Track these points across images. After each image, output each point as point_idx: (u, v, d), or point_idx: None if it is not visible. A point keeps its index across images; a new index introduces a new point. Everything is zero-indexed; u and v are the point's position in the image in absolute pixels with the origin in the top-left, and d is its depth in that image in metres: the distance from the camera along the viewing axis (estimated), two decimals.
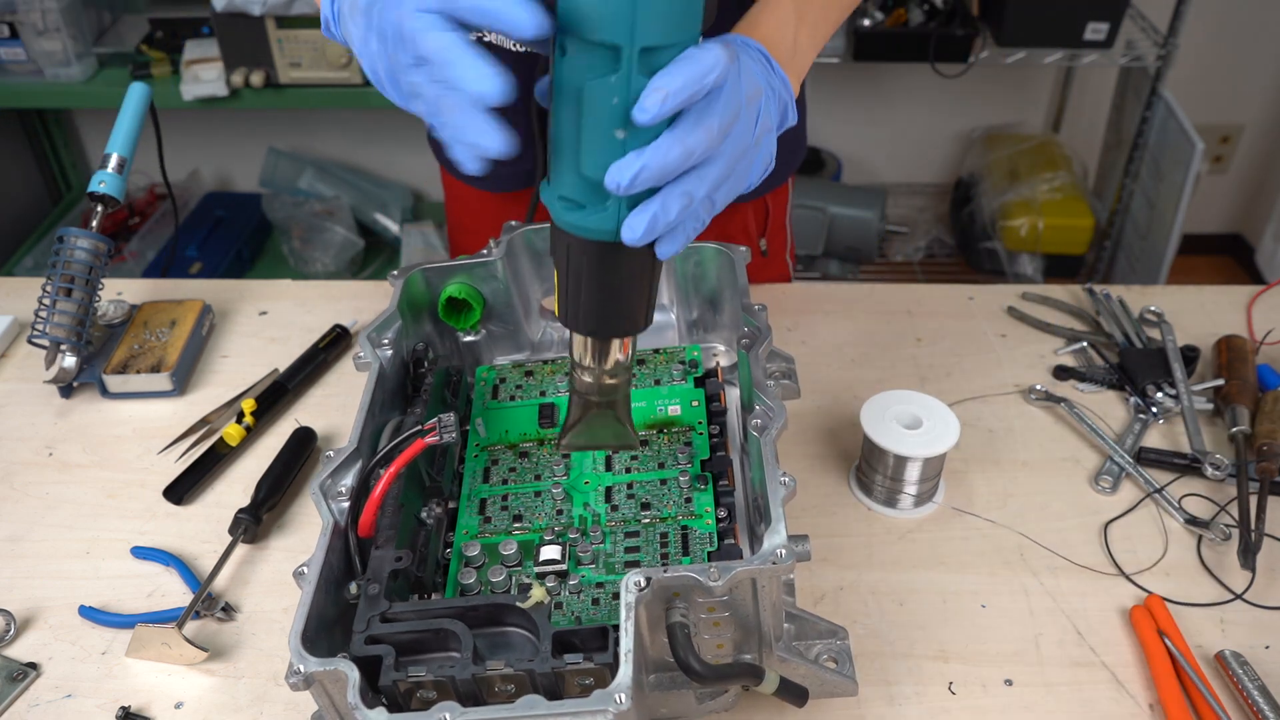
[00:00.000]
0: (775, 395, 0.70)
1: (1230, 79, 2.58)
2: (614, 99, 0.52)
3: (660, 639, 0.61)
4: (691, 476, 0.74)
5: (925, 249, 2.72)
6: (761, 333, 0.76)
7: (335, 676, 0.57)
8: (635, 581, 0.58)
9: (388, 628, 0.61)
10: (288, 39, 2.01)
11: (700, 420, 0.79)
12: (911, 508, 0.87)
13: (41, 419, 0.99)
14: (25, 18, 2.07)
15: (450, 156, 0.54)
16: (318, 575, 0.62)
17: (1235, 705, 0.72)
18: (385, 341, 0.78)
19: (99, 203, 1.02)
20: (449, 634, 0.61)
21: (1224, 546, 0.84)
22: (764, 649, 0.64)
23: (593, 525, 0.72)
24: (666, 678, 0.64)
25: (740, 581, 0.59)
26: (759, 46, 0.70)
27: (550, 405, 0.82)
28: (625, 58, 0.51)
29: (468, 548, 0.70)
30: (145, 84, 1.06)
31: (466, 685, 0.59)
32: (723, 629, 0.62)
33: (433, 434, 0.69)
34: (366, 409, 0.73)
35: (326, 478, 0.68)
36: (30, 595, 0.82)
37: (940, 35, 2.15)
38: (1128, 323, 1.06)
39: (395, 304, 0.81)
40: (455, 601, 0.64)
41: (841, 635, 0.69)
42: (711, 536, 0.70)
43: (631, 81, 0.51)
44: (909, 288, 1.14)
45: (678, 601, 0.60)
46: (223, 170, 2.74)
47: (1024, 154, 2.53)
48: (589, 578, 0.69)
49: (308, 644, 0.59)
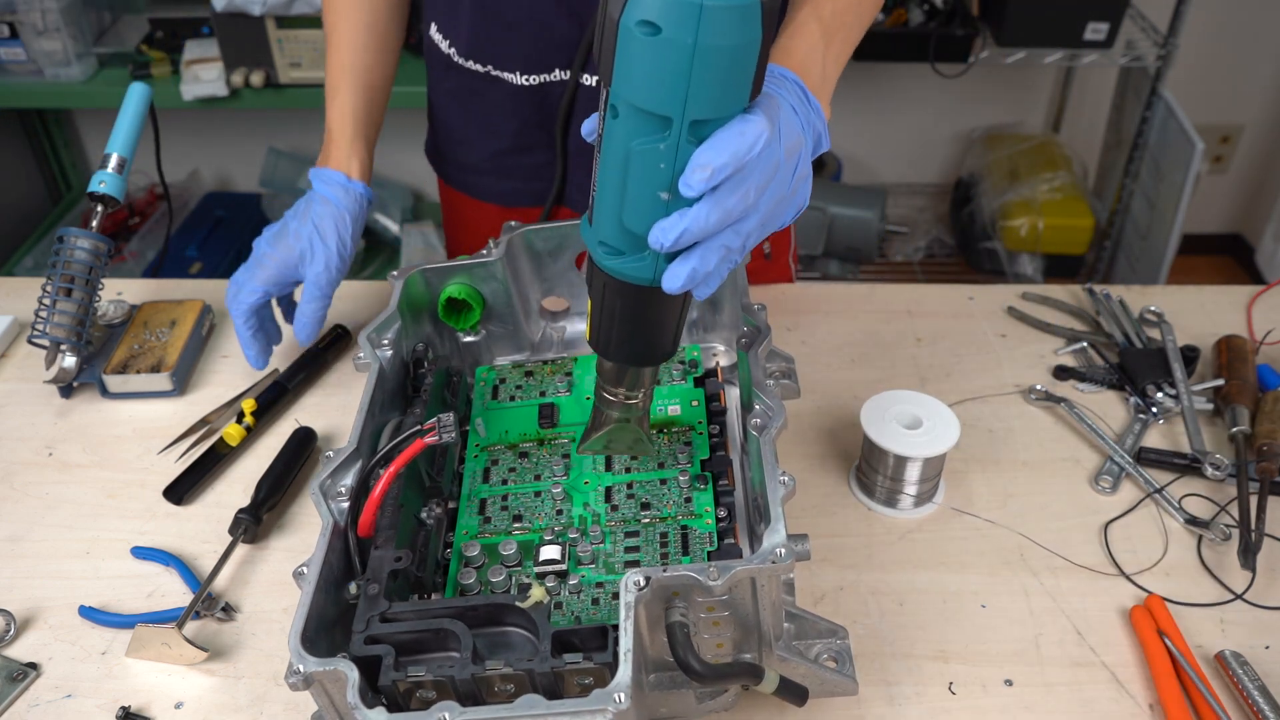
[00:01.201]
0: (775, 394, 0.70)
1: (1230, 79, 2.58)
2: (661, 164, 0.56)
3: (660, 638, 0.60)
4: (691, 476, 0.74)
5: (925, 249, 2.72)
6: (761, 332, 0.76)
7: (335, 676, 0.57)
8: (635, 581, 0.58)
9: (387, 628, 0.61)
10: (288, 39, 2.01)
11: (700, 420, 0.79)
12: (911, 508, 0.87)
13: (41, 419, 0.99)
14: (25, 17, 2.06)
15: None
16: (317, 575, 0.63)
17: (1235, 705, 0.72)
18: (385, 342, 0.78)
19: (99, 203, 1.02)
20: (448, 634, 0.61)
21: (1224, 546, 0.84)
22: (764, 648, 0.64)
23: (592, 525, 0.72)
24: (666, 677, 0.64)
25: (740, 581, 0.59)
26: (796, 79, 0.71)
27: (550, 405, 0.82)
28: (675, 128, 0.55)
29: (467, 548, 0.70)
30: (145, 84, 1.06)
31: (466, 685, 0.59)
32: (722, 628, 0.62)
33: (432, 434, 0.69)
34: (366, 410, 0.73)
35: (326, 478, 0.68)
36: (30, 595, 0.82)
37: (940, 35, 2.15)
38: (1128, 323, 1.06)
39: (395, 304, 0.81)
40: (455, 601, 0.64)
41: (841, 635, 0.69)
42: (711, 536, 0.70)
43: (679, 150, 0.56)
44: (909, 288, 1.14)
45: (677, 601, 0.60)
46: (223, 170, 2.74)
47: (1024, 154, 2.53)
48: (589, 578, 0.69)
49: (307, 644, 0.59)
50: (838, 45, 0.78)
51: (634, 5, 0.52)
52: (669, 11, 0.51)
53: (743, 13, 0.52)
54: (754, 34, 0.53)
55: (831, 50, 0.77)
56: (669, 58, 0.52)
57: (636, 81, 0.54)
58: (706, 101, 0.54)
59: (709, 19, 0.51)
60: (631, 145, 0.56)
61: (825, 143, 0.73)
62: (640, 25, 0.52)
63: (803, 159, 0.66)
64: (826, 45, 0.77)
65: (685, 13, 0.51)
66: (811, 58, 0.75)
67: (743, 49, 0.54)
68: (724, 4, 0.51)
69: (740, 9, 0.52)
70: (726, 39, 0.52)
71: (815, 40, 0.76)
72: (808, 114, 0.70)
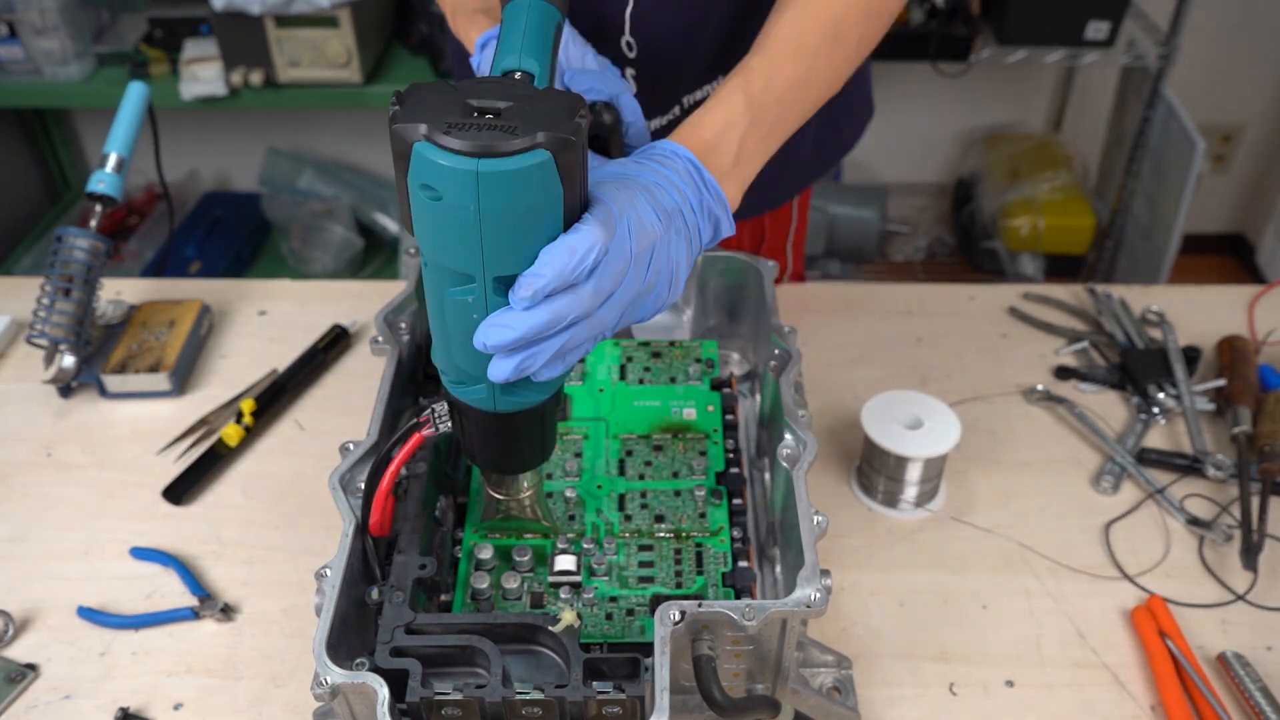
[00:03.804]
0: (806, 426, 0.68)
1: (1232, 78, 2.57)
2: (474, 315, 0.53)
3: (683, 666, 0.60)
4: (707, 490, 0.73)
5: (926, 249, 2.72)
6: (792, 358, 0.74)
7: (362, 690, 0.55)
8: (670, 615, 0.57)
9: (413, 640, 0.60)
10: (287, 38, 2.00)
11: (715, 428, 0.78)
12: (912, 508, 0.87)
13: (40, 419, 0.99)
14: (24, 17, 2.06)
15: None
16: (340, 579, 0.59)
17: (1237, 706, 0.72)
18: (402, 325, 0.76)
19: (97, 202, 1.01)
20: (475, 650, 0.60)
21: (1226, 547, 0.84)
22: (779, 681, 0.63)
23: (606, 536, 0.71)
24: (678, 700, 0.63)
25: (771, 621, 0.58)
26: (689, 158, 0.64)
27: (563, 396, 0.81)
28: (479, 284, 0.52)
29: (479, 549, 0.69)
30: (143, 83, 1.06)
31: (494, 708, 0.58)
32: (742, 659, 0.62)
33: (427, 426, 0.67)
34: (385, 400, 0.70)
35: (346, 471, 0.65)
36: (29, 596, 0.82)
37: (941, 34, 2.15)
38: (1129, 323, 1.05)
39: (412, 286, 0.79)
40: (483, 617, 0.62)
41: (845, 665, 0.69)
42: (725, 556, 0.69)
43: (489, 302, 0.53)
44: (910, 288, 1.13)
45: (705, 633, 0.60)
46: (222, 170, 2.74)
47: (1025, 153, 2.53)
48: (602, 590, 0.68)
49: (331, 652, 0.56)
50: (766, 125, 0.69)
51: (415, 169, 0.49)
52: (445, 179, 0.48)
53: (527, 175, 0.48)
54: (548, 190, 0.50)
55: (757, 129, 0.69)
56: (455, 222, 0.49)
57: (431, 241, 0.51)
58: (506, 259, 0.51)
59: (488, 186, 0.48)
60: (444, 295, 0.53)
61: (726, 228, 0.65)
62: (423, 189, 0.49)
63: (658, 253, 0.58)
64: (752, 122, 0.68)
65: (462, 180, 0.48)
66: (727, 135, 0.67)
67: (537, 207, 0.50)
68: (503, 169, 0.47)
69: (523, 172, 0.48)
70: (515, 201, 0.49)
71: (737, 115, 0.67)
72: (700, 197, 0.63)
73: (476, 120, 0.49)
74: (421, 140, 0.48)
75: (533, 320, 0.52)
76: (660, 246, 0.59)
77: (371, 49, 2.10)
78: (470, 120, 0.48)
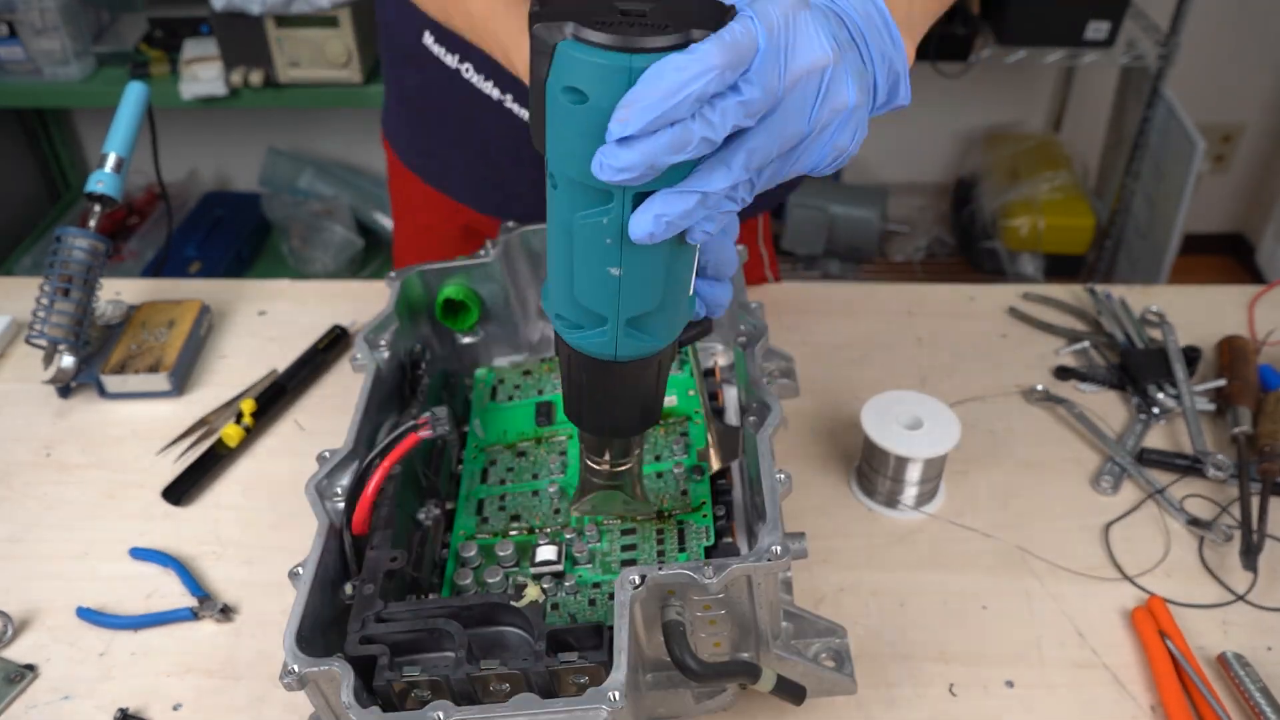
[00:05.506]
0: (771, 392, 0.69)
1: (1232, 78, 2.57)
2: (606, 239, 0.50)
3: (657, 638, 0.60)
4: (687, 468, 0.73)
5: (926, 249, 2.72)
6: (758, 331, 0.76)
7: (329, 676, 0.57)
8: (630, 579, 0.58)
9: (382, 628, 0.61)
10: (287, 38, 2.00)
11: (696, 410, 0.78)
12: (912, 508, 0.87)
13: (39, 419, 0.99)
14: (24, 17, 2.06)
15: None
16: (312, 576, 0.62)
17: (1237, 707, 0.72)
18: (382, 343, 0.78)
19: (97, 202, 1.01)
20: (444, 634, 0.61)
21: (1226, 547, 0.84)
22: (761, 647, 0.63)
23: (589, 524, 0.72)
24: (664, 677, 0.64)
25: (736, 579, 0.58)
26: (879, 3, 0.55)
27: (547, 403, 0.81)
28: (616, 201, 0.49)
29: (464, 548, 0.70)
30: (142, 83, 1.06)
31: (461, 685, 0.59)
32: (719, 627, 0.62)
33: (425, 427, 0.69)
34: (363, 411, 0.73)
35: (322, 478, 0.68)
36: (28, 596, 0.82)
37: (941, 34, 2.15)
38: (1129, 323, 1.05)
39: (392, 305, 0.81)
40: (449, 601, 0.63)
41: (840, 634, 0.68)
42: (708, 530, 0.70)
43: (625, 224, 0.49)
44: (909, 288, 1.13)
45: (673, 599, 0.60)
46: (222, 170, 2.74)
47: (1025, 153, 2.53)
48: (585, 578, 0.68)
49: (303, 644, 0.58)
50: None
51: (559, 69, 0.45)
52: (596, 76, 0.45)
53: None
54: None
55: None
56: (600, 128, 0.45)
57: (569, 153, 0.47)
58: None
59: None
60: (573, 218, 0.50)
61: (903, 92, 0.57)
62: (566, 92, 0.45)
63: (833, 89, 0.50)
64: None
65: (614, 77, 0.44)
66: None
67: None
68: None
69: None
70: None
71: None
72: (881, 44, 0.54)
73: (624, 19, 0.45)
74: (568, 39, 0.45)
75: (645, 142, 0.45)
76: (833, 77, 0.50)
77: (372, 49, 2.09)
78: (617, 19, 0.45)
